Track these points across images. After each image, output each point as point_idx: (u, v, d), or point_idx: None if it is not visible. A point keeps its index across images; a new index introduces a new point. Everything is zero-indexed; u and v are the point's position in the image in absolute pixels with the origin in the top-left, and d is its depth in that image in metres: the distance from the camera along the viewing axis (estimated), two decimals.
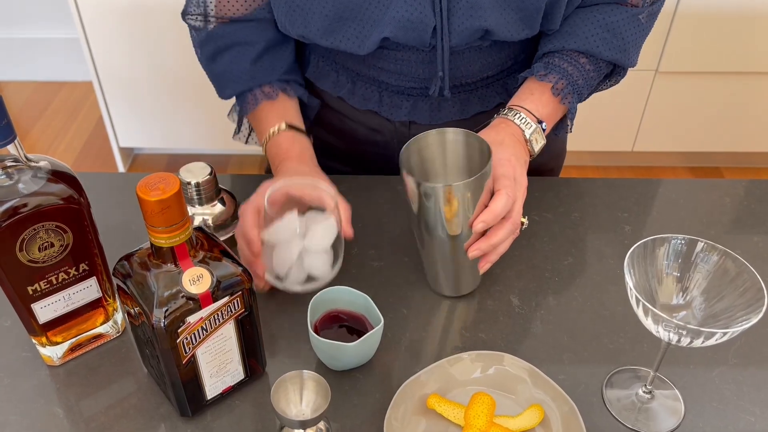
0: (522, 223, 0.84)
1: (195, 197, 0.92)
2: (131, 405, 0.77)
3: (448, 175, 0.87)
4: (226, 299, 0.68)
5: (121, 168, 2.69)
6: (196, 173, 0.90)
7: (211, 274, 0.67)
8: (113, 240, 0.89)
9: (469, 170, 0.86)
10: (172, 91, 2.40)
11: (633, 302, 0.67)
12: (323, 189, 0.82)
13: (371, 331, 0.75)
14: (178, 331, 0.66)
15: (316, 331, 0.80)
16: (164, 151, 2.76)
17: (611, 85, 1.03)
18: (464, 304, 0.89)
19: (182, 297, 0.65)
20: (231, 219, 0.96)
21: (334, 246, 0.83)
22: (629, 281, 0.67)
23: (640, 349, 0.83)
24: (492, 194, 0.81)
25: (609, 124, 2.40)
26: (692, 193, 1.06)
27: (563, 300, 0.89)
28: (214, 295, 0.67)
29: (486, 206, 0.80)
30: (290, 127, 0.96)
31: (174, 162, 2.75)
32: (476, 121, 0.89)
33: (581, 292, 0.90)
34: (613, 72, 1.00)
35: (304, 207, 0.84)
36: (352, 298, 0.81)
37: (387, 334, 0.84)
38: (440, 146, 0.85)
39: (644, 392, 0.77)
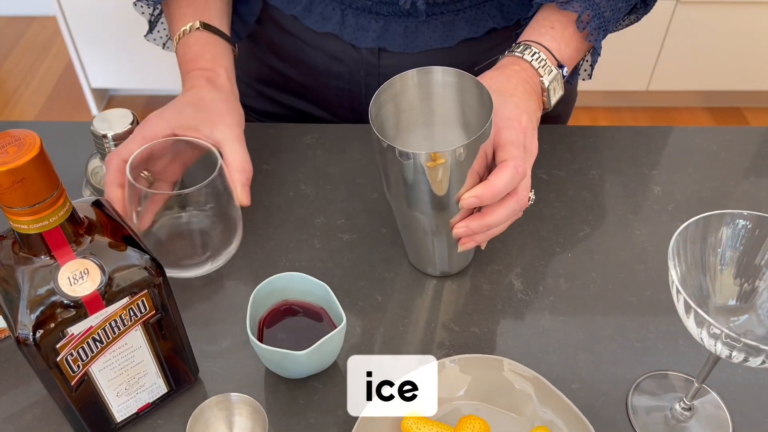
0: (528, 199, 0.65)
1: None
2: (26, 424, 0.60)
3: (434, 133, 0.68)
4: (125, 301, 0.50)
5: (94, 111, 2.51)
6: (113, 123, 0.72)
7: (101, 268, 0.48)
8: None
9: (462, 125, 0.67)
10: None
11: (680, 308, 0.48)
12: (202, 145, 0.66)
13: (329, 334, 0.58)
14: (57, 347, 0.49)
15: (262, 329, 0.63)
16: (142, 92, 2.60)
17: (631, 22, 0.82)
18: (453, 289, 0.71)
19: (58, 301, 0.47)
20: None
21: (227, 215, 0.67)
22: (674, 275, 0.49)
23: (675, 347, 0.66)
24: (488, 160, 0.62)
25: (622, 61, 2.20)
26: (735, 143, 0.87)
27: (578, 283, 0.71)
28: (105, 296, 0.49)
29: (479, 176, 0.61)
30: (206, 26, 0.77)
31: (152, 104, 2.57)
32: (463, 50, 0.67)
33: (601, 272, 0.72)
34: (636, 5, 0.79)
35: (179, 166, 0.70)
36: (308, 288, 0.63)
37: (356, 328, 0.67)
38: (423, 91, 0.65)
39: (682, 408, 0.60)
